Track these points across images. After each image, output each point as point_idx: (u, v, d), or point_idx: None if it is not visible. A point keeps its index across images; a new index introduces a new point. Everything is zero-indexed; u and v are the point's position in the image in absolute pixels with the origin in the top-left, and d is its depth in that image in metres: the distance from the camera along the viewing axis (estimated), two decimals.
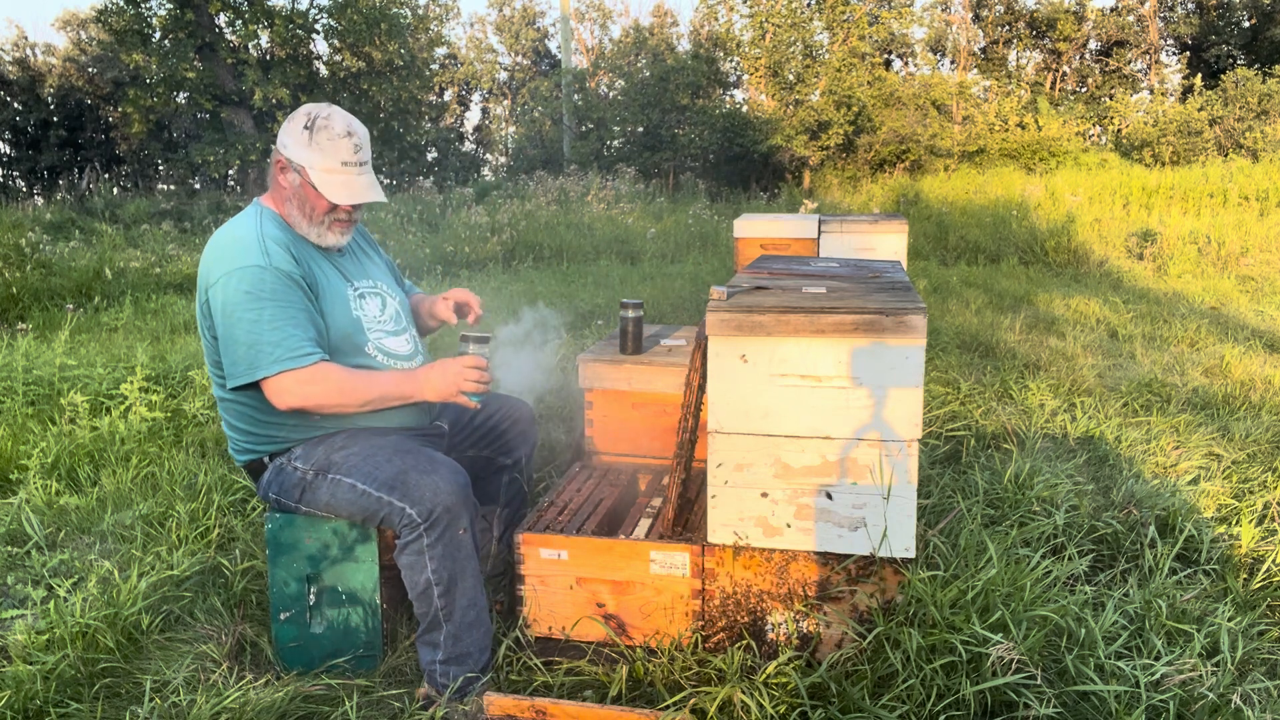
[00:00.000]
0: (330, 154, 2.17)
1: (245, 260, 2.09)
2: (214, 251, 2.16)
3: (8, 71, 20.27)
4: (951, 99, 19.37)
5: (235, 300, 2.06)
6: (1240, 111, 17.34)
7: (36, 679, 2.16)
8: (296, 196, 2.22)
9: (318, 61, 15.07)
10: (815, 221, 5.07)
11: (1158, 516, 3.03)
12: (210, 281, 2.12)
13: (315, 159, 2.17)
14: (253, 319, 2.05)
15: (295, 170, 2.20)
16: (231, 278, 2.08)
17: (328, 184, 2.18)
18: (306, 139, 2.17)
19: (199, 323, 2.24)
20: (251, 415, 2.25)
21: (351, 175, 2.21)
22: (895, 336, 2.04)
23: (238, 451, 2.33)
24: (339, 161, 2.18)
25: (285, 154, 2.20)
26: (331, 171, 2.18)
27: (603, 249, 10.57)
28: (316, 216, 2.23)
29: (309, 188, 2.19)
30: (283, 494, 2.25)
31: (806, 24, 19.17)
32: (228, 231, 2.20)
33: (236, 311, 2.06)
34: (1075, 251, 10.00)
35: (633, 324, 2.96)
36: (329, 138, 2.17)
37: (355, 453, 2.19)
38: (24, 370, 4.54)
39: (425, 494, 2.08)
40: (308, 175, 2.18)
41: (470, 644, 2.17)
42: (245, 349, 2.07)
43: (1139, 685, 2.01)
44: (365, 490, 2.13)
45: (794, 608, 2.21)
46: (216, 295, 2.10)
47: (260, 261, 2.09)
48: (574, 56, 24.07)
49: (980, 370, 5.16)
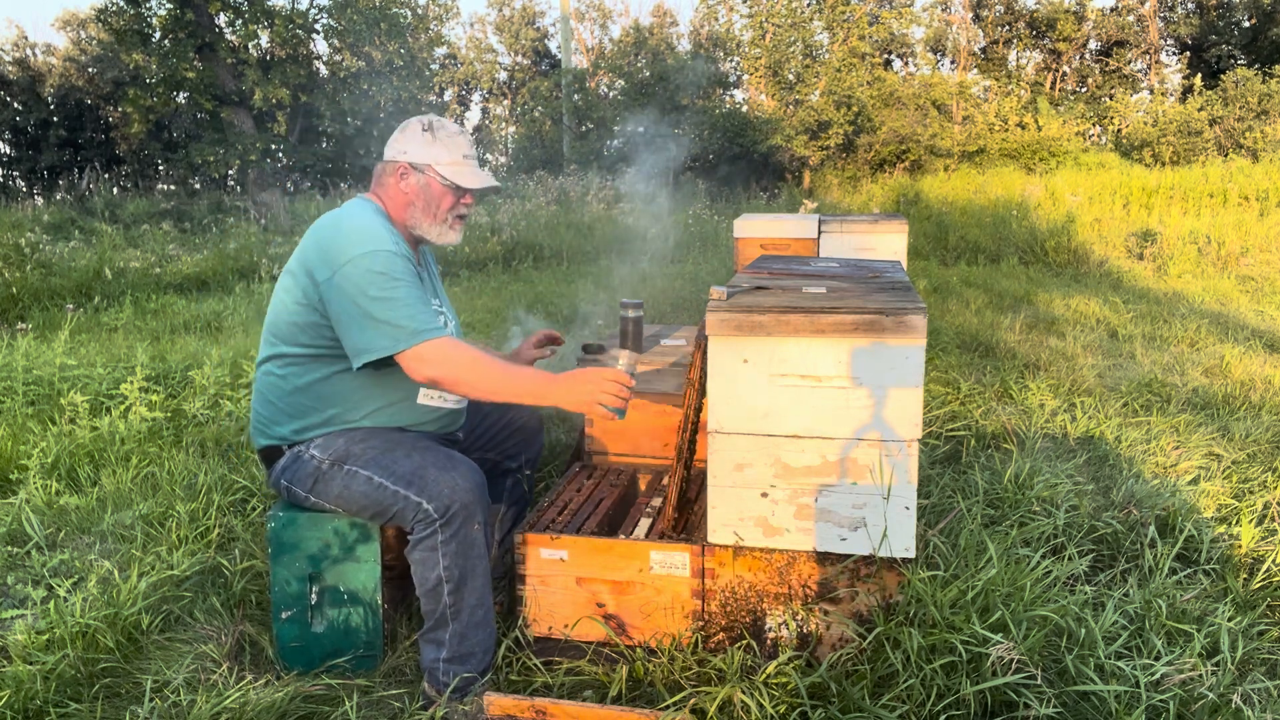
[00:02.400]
0: (453, 148, 2.32)
1: (377, 245, 2.14)
2: (339, 237, 2.18)
3: (8, 71, 20.27)
4: (951, 99, 19.37)
5: (370, 280, 2.10)
6: (1240, 111, 17.34)
7: (36, 679, 2.16)
8: (421, 197, 2.32)
9: (318, 61, 15.07)
10: (815, 221, 5.06)
11: (1158, 516, 3.03)
12: (338, 263, 2.13)
13: (441, 154, 2.31)
14: (389, 297, 2.10)
15: (420, 170, 2.30)
16: (365, 260, 2.11)
17: (458, 173, 2.31)
18: (429, 139, 2.31)
19: (286, 299, 2.24)
20: (299, 400, 2.25)
21: (474, 165, 2.36)
22: (895, 336, 2.04)
23: (262, 434, 2.32)
24: (461, 154, 2.33)
25: (406, 159, 2.30)
26: (457, 163, 2.32)
27: (603, 249, 10.57)
28: (441, 213, 2.34)
29: (436, 183, 2.31)
30: (295, 482, 2.25)
31: (806, 24, 19.18)
32: (349, 219, 2.22)
33: (371, 289, 2.10)
34: (1075, 251, 10.01)
35: (633, 324, 2.95)
36: (448, 134, 2.32)
37: (374, 446, 2.21)
38: (24, 370, 4.54)
39: (443, 490, 2.09)
40: (435, 171, 2.30)
41: (475, 643, 2.17)
42: (382, 325, 2.10)
43: (1139, 685, 2.01)
44: (381, 483, 2.14)
45: (794, 608, 2.21)
46: (346, 275, 2.12)
47: (391, 247, 2.16)
48: (574, 56, 24.06)
49: (980, 370, 5.16)
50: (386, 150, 2.37)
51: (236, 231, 11.67)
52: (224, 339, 6.15)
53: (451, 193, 2.32)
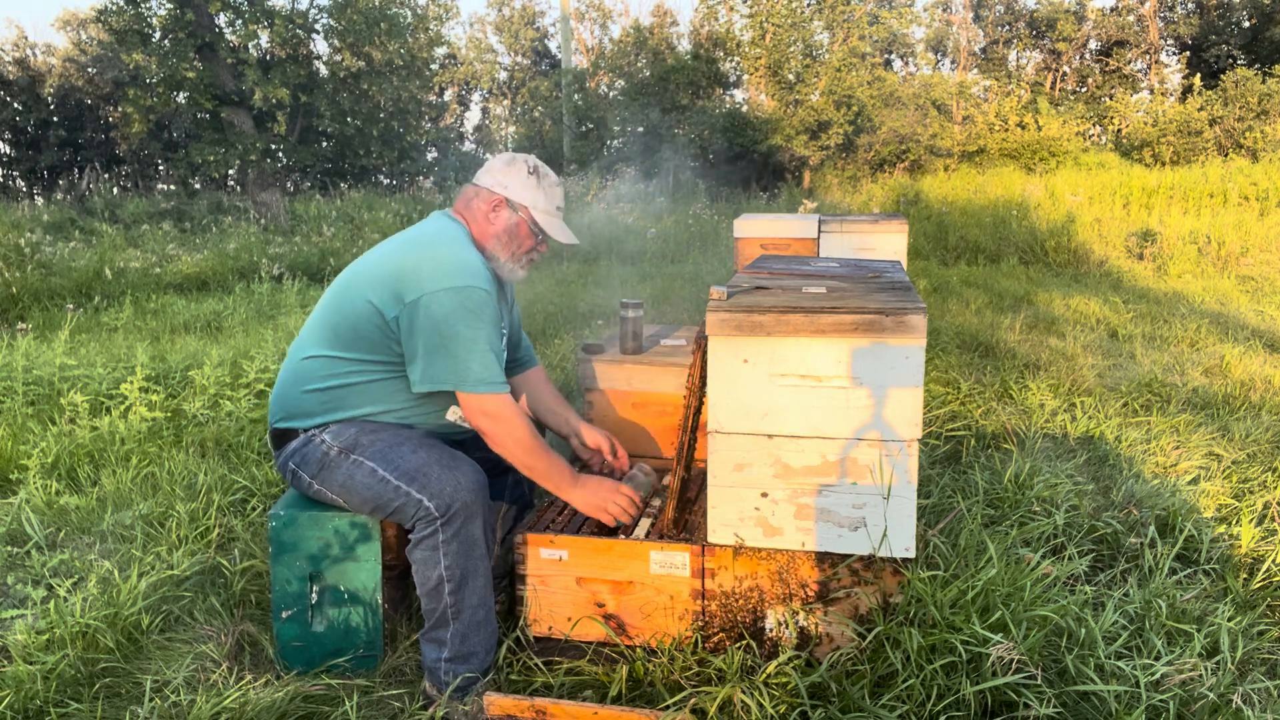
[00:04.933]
0: (551, 198, 2.43)
1: (473, 281, 2.19)
2: (436, 262, 2.21)
3: (8, 71, 20.27)
4: (951, 99, 19.38)
5: (458, 316, 2.16)
6: (1240, 111, 17.34)
7: (36, 679, 2.16)
8: (509, 233, 2.39)
9: (318, 61, 15.05)
10: (815, 221, 5.06)
11: (1158, 516, 3.03)
12: (429, 288, 2.16)
13: (540, 200, 2.39)
14: (470, 337, 2.17)
15: (515, 209, 2.38)
16: (460, 294, 2.16)
17: (550, 224, 2.41)
18: (534, 183, 2.39)
19: (360, 306, 2.24)
20: (339, 395, 2.27)
21: (562, 219, 2.48)
22: (895, 336, 2.04)
23: (283, 417, 2.33)
24: (555, 205, 2.44)
25: (506, 194, 2.37)
26: (550, 214, 2.42)
27: (603, 249, 10.57)
28: (519, 254, 2.42)
29: (526, 225, 2.39)
30: (302, 465, 2.26)
31: (806, 24, 19.18)
32: (446, 245, 2.26)
33: (457, 326, 2.16)
34: (1075, 251, 10.01)
35: (633, 324, 2.96)
36: (550, 184, 2.42)
37: (382, 439, 2.22)
38: (24, 370, 4.54)
39: (446, 488, 2.10)
40: (530, 214, 2.38)
41: (477, 643, 2.17)
42: (457, 362, 2.17)
43: (1139, 685, 2.01)
44: (385, 477, 2.15)
45: (794, 608, 2.21)
46: (436, 301, 2.15)
47: (486, 286, 2.21)
48: (574, 56, 24.07)
49: (980, 370, 5.16)
50: (483, 177, 2.42)
51: (236, 231, 11.67)
52: (224, 339, 6.16)
53: (535, 238, 2.41)
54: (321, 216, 13.09)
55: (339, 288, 2.33)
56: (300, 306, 7.41)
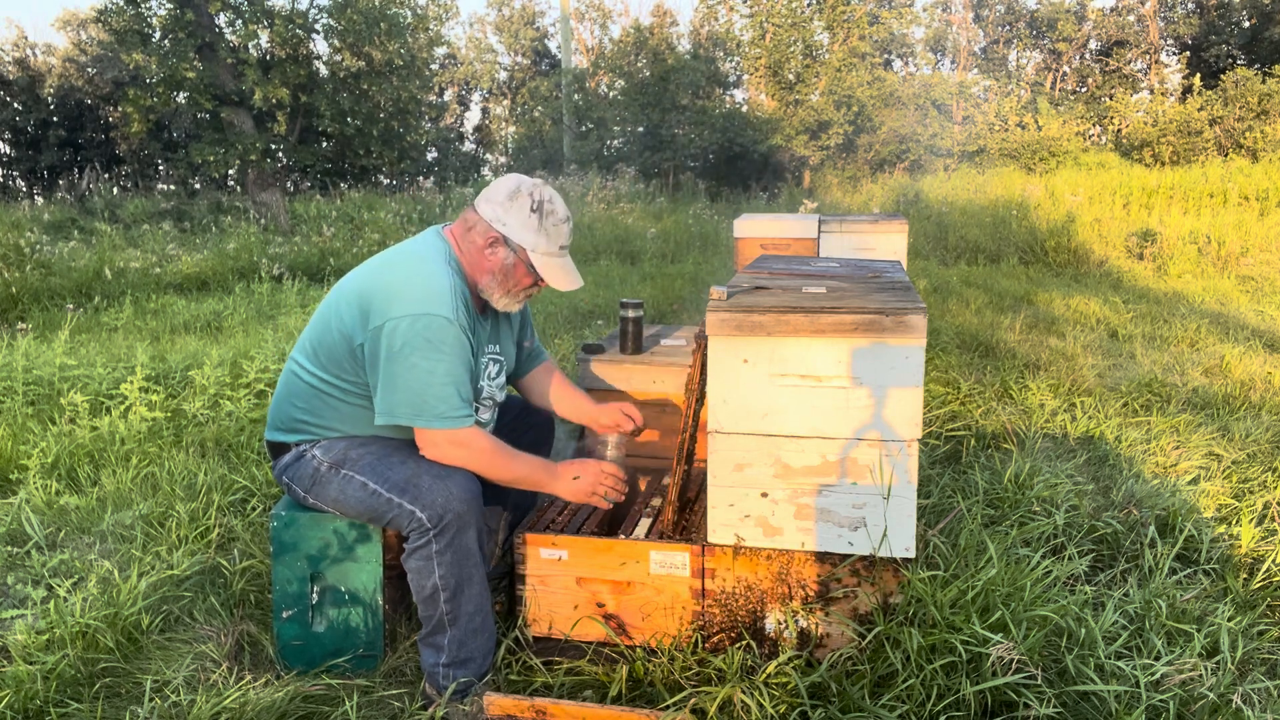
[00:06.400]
0: (554, 239, 2.26)
1: (436, 309, 2.09)
2: (401, 285, 2.13)
3: (8, 71, 20.26)
4: (951, 99, 19.38)
5: (415, 345, 2.06)
6: (1240, 111, 17.33)
7: (36, 679, 2.16)
8: (504, 272, 2.25)
9: (318, 61, 15.04)
10: (815, 221, 5.06)
11: (1158, 516, 3.03)
12: (391, 314, 2.09)
13: (541, 243, 2.24)
14: (427, 369, 2.07)
15: (512, 249, 2.23)
16: (418, 321, 2.07)
17: (549, 269, 2.25)
18: (535, 223, 2.22)
19: (330, 316, 2.21)
20: (321, 406, 2.25)
21: (565, 259, 2.31)
22: (895, 336, 2.04)
23: (275, 428, 2.32)
24: (558, 245, 2.27)
25: (504, 231, 2.22)
26: (552, 255, 2.26)
27: (603, 249, 10.57)
28: (515, 291, 2.29)
29: (523, 267, 2.25)
30: (295, 480, 2.26)
31: (806, 24, 19.18)
32: (419, 268, 2.17)
33: (413, 356, 2.06)
34: (1075, 251, 10.01)
35: (633, 324, 2.96)
36: (554, 223, 2.25)
37: (371, 452, 2.21)
38: (24, 370, 4.54)
39: (437, 499, 2.08)
40: (528, 257, 2.23)
41: (474, 649, 2.17)
42: (412, 395, 2.08)
43: (1139, 685, 2.01)
44: (375, 490, 2.14)
45: (794, 608, 2.21)
46: (395, 330, 2.08)
47: (449, 315, 2.10)
48: (574, 56, 24.07)
49: (980, 370, 5.16)
50: (483, 205, 2.25)
51: (236, 231, 11.66)
52: (224, 339, 6.15)
53: (532, 277, 2.27)
54: (321, 216, 13.09)
55: (327, 301, 2.29)
56: (300, 306, 7.41)
